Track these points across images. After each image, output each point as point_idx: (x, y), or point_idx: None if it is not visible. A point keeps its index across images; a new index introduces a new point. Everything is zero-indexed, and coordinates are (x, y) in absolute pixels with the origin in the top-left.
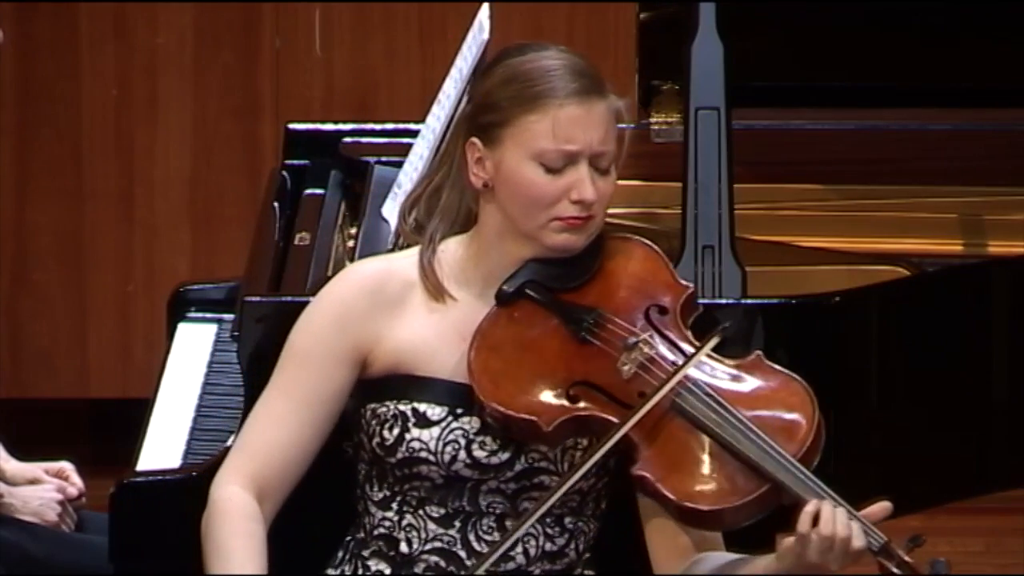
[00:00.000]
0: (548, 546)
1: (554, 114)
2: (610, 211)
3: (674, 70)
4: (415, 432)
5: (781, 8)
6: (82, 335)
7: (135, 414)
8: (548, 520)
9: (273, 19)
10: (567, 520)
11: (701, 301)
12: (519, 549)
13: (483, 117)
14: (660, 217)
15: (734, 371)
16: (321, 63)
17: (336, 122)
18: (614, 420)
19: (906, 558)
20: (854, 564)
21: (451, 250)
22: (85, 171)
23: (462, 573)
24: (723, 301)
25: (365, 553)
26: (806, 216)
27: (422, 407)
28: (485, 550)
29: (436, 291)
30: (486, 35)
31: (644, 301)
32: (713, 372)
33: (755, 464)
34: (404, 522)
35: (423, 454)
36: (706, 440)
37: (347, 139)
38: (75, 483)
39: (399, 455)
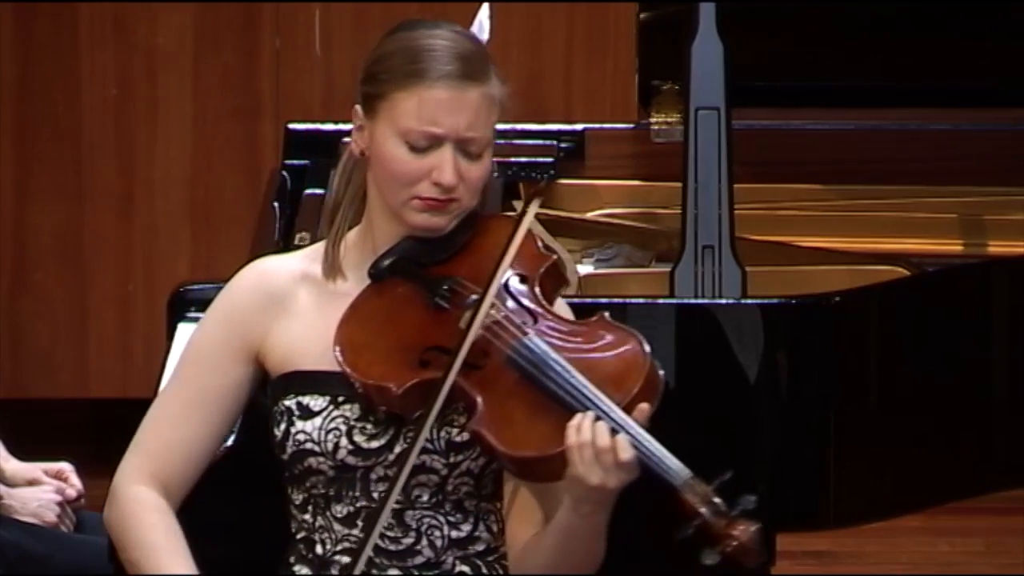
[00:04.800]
0: (454, 533)
1: (421, 95)
2: (611, 211)
3: (674, 70)
4: (299, 424)
5: (781, 8)
6: (82, 335)
7: (135, 414)
8: (447, 507)
9: (273, 19)
10: (467, 503)
11: (701, 301)
12: (424, 542)
13: (365, 86)
14: (660, 217)
15: (574, 327)
16: (321, 63)
17: (336, 122)
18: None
19: (712, 496)
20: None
21: (347, 239)
22: (85, 171)
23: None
24: (723, 301)
25: (292, 559)
26: (806, 216)
27: (305, 399)
28: (390, 547)
29: (331, 270)
30: (486, 35)
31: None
32: (551, 328)
33: (581, 411)
34: (317, 523)
35: (308, 445)
36: (538, 393)
37: (347, 139)
38: (74, 484)
39: (288, 450)
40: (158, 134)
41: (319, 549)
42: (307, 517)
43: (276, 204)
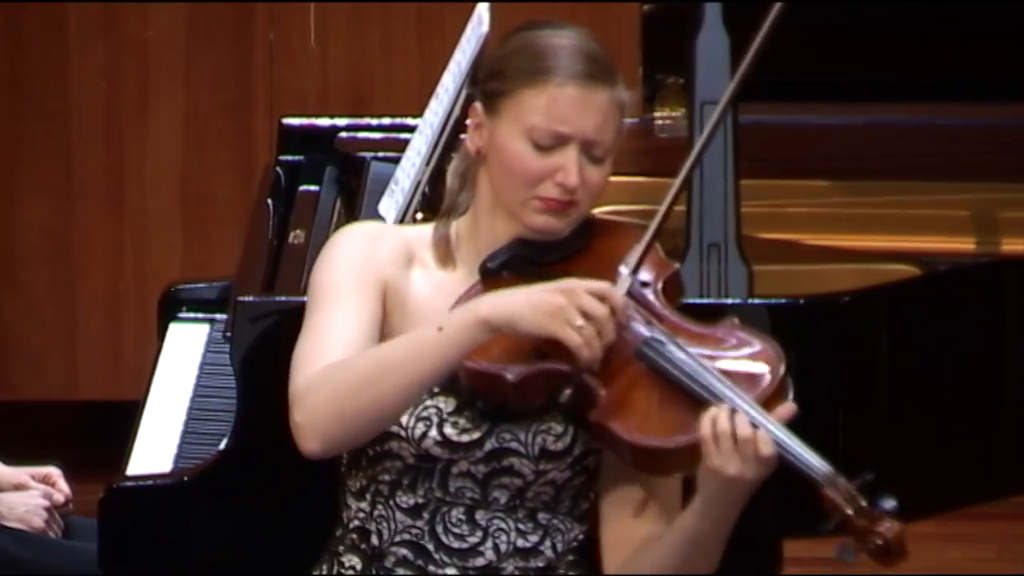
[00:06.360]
0: (520, 542)
1: (552, 92)
2: (615, 208)
3: (678, 64)
4: None
5: (788, 2)
6: (71, 336)
7: (125, 417)
8: (520, 514)
9: (267, 12)
10: (540, 515)
11: (705, 301)
12: (489, 544)
13: (487, 84)
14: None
15: (703, 329)
16: (316, 57)
17: (332, 117)
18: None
19: (855, 493)
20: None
21: (454, 229)
22: (74, 168)
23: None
24: (729, 301)
25: (340, 548)
26: (814, 214)
27: None
28: (453, 544)
29: (445, 257)
30: (485, 28)
31: None
32: (680, 327)
33: (712, 404)
34: (376, 513)
35: (394, 428)
36: (666, 385)
37: (343, 134)
38: (62, 489)
39: None
40: (149, 130)
41: (374, 540)
42: (364, 506)
43: (270, 201)
